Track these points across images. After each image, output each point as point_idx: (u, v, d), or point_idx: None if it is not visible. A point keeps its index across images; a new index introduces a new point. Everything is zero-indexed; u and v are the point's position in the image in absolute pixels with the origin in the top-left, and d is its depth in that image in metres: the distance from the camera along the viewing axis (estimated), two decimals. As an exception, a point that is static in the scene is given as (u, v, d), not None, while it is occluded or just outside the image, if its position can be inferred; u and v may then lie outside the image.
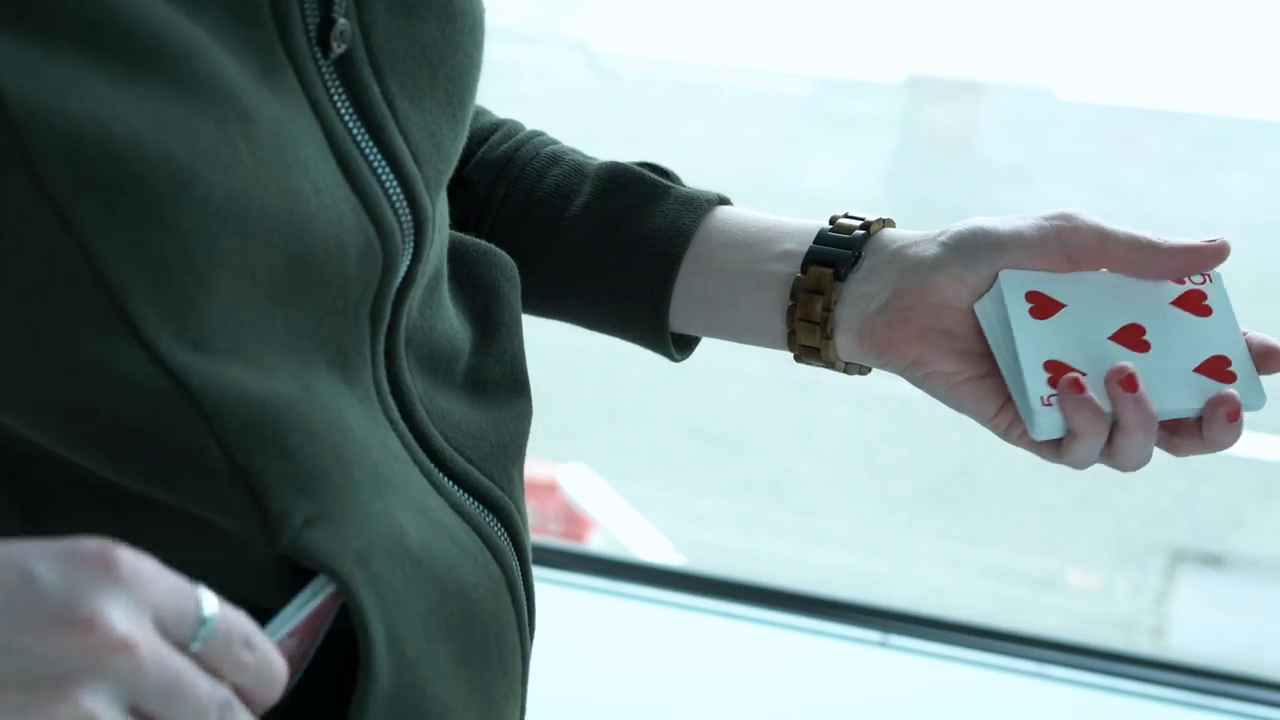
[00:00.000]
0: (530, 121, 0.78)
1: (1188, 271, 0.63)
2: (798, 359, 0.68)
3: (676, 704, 1.76)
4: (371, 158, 0.53)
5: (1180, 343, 0.62)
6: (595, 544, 4.89)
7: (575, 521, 5.01)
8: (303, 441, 0.50)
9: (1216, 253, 0.62)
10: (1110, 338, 0.61)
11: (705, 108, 6.57)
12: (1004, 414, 0.63)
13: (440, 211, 0.59)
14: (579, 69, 7.09)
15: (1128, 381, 0.58)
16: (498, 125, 0.76)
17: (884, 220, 0.67)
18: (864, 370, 0.67)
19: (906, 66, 7.03)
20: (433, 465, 0.58)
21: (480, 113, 0.77)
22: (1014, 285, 0.61)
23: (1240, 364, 0.62)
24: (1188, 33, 7.15)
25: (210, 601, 0.43)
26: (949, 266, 0.63)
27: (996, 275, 0.62)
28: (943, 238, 0.64)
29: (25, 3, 0.43)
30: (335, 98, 0.52)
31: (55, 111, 0.43)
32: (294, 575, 0.51)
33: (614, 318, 0.72)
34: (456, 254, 0.64)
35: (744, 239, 0.69)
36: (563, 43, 7.59)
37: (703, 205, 0.70)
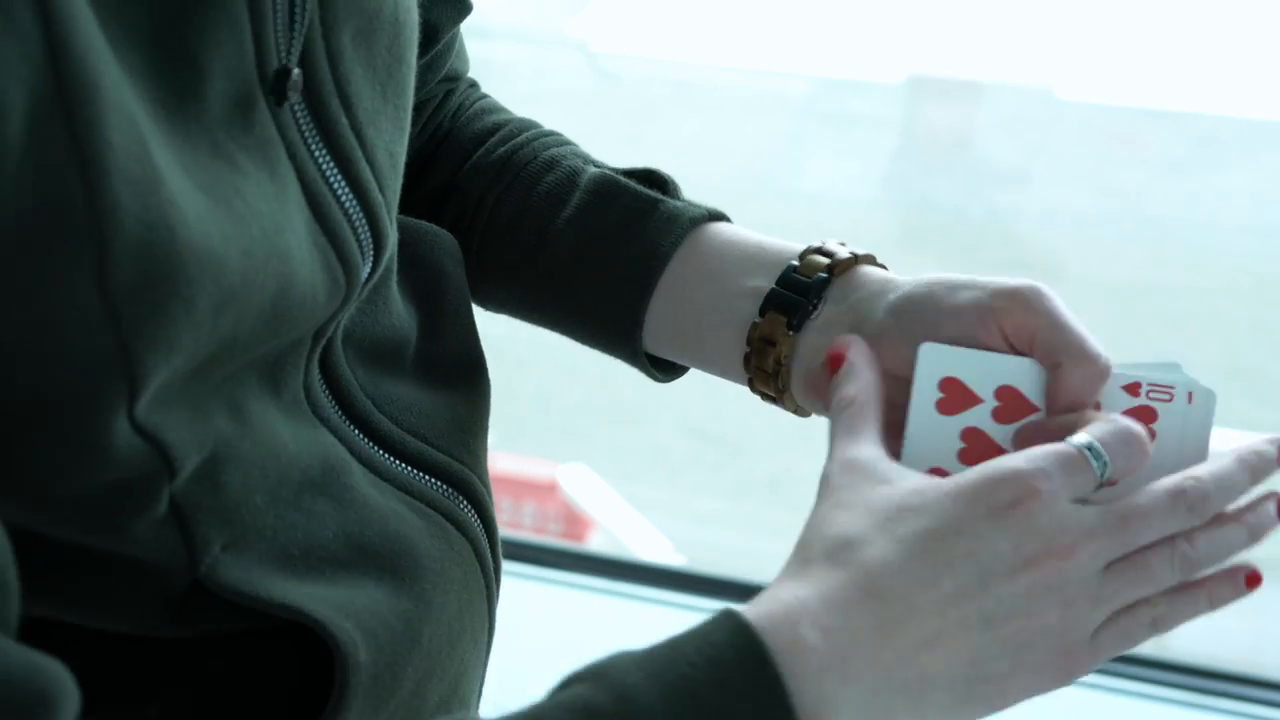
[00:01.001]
0: (529, 122, 0.78)
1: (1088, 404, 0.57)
2: (764, 399, 0.67)
3: (676, 704, 1.76)
4: (342, 195, 0.52)
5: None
6: (595, 544, 4.88)
7: (575, 521, 5.01)
8: (233, 473, 0.50)
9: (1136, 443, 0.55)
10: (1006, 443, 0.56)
11: (705, 108, 6.56)
12: None
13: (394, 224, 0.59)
14: (579, 69, 7.09)
15: None
16: (497, 127, 0.75)
17: (856, 259, 0.64)
18: None
19: (906, 66, 7.03)
20: (376, 450, 0.58)
21: (485, 112, 0.76)
22: (930, 366, 0.56)
23: None
24: (1188, 33, 7.14)
25: (1079, 438, 0.52)
26: (889, 335, 0.61)
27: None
28: (893, 299, 0.62)
29: (160, 115, 0.43)
30: (308, 138, 0.51)
31: (135, 211, 0.42)
32: (203, 603, 0.51)
33: (593, 338, 0.72)
34: (401, 238, 0.64)
35: (718, 269, 0.67)
36: (563, 43, 7.58)
37: (685, 225, 0.68)
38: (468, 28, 0.74)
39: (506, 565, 2.11)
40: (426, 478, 0.60)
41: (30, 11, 0.39)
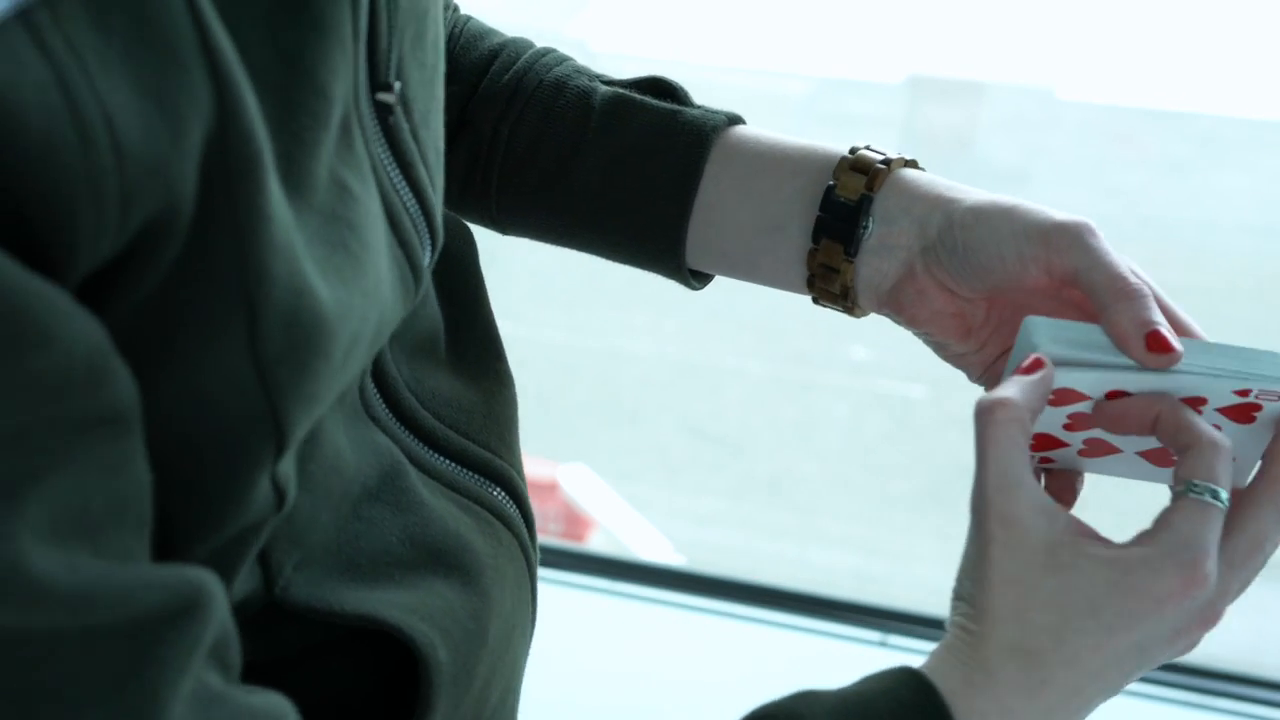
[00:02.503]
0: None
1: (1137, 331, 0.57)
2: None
3: (676, 704, 1.76)
4: (406, 200, 0.52)
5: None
6: (595, 544, 4.88)
7: (575, 521, 5.01)
8: (304, 499, 0.50)
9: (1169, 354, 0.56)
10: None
11: (705, 108, 6.55)
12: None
13: None
14: (579, 69, 7.08)
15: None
16: (495, 53, 0.74)
17: (890, 163, 0.64)
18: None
19: (906, 66, 7.03)
20: (424, 449, 0.58)
21: (480, 36, 0.75)
22: (1045, 343, 0.56)
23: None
24: (1188, 33, 7.14)
25: (1209, 487, 0.54)
26: (948, 266, 0.62)
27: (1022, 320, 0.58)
28: (943, 227, 0.62)
29: (290, 159, 0.42)
30: (375, 148, 0.50)
31: (283, 278, 0.41)
32: (275, 623, 0.51)
33: (631, 257, 0.71)
34: None
35: (754, 183, 0.67)
36: (563, 43, 7.55)
37: (708, 135, 0.68)
38: (467, 29, 0.74)
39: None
40: (471, 474, 0.60)
41: (204, 72, 0.38)
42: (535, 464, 5.20)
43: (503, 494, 0.61)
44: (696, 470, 5.28)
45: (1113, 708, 0.63)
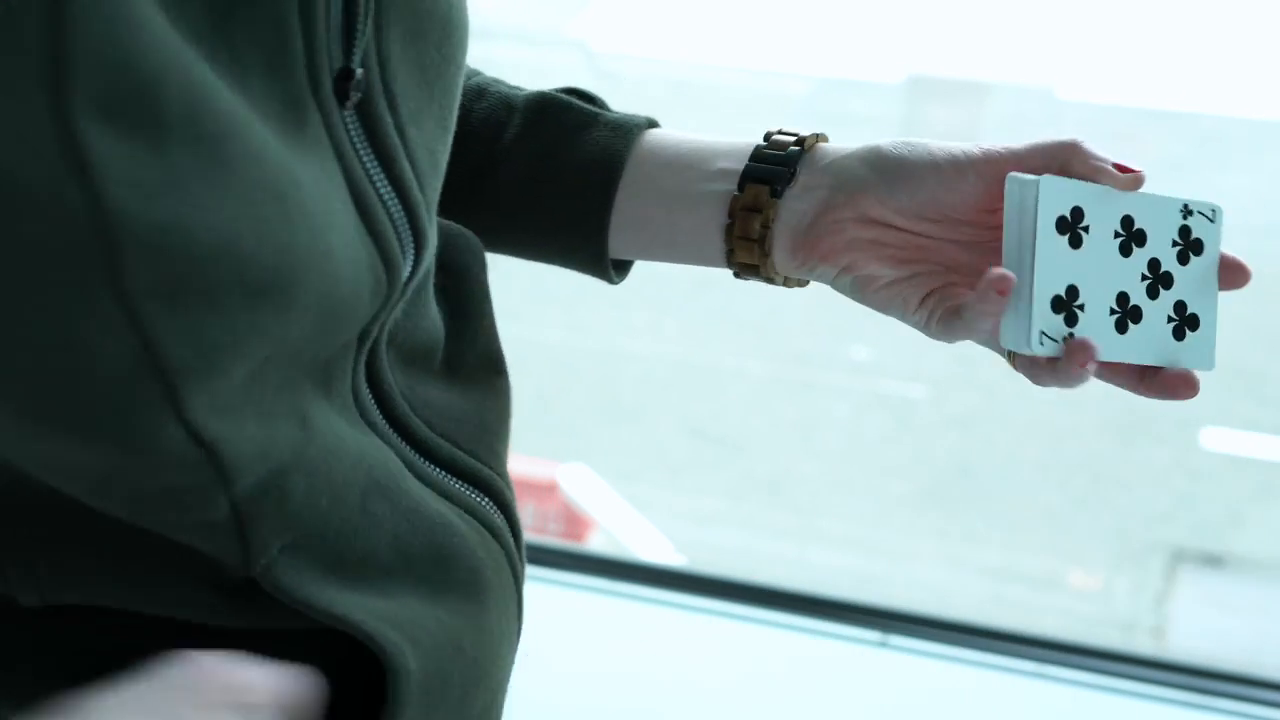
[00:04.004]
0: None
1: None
2: (737, 275, 0.69)
3: (676, 704, 1.76)
4: (383, 192, 0.52)
5: (1178, 287, 0.62)
6: (595, 544, 4.89)
7: (575, 521, 5.01)
8: (299, 480, 0.50)
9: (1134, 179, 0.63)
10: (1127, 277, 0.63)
11: (705, 108, 6.56)
12: (923, 308, 0.65)
13: (434, 224, 0.59)
14: (579, 69, 7.09)
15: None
16: None
17: (818, 136, 0.68)
18: (801, 283, 0.68)
19: (907, 66, 7.03)
20: (416, 455, 0.58)
21: None
22: (1051, 199, 0.61)
23: (1207, 321, 0.63)
24: (1188, 33, 7.15)
25: None
26: (873, 189, 0.64)
27: (1005, 179, 0.62)
28: (868, 158, 0.65)
29: (140, 94, 0.42)
30: (354, 137, 0.51)
31: (147, 215, 0.42)
32: (256, 597, 0.51)
33: (555, 247, 0.72)
34: None
35: (678, 160, 0.69)
36: (563, 43, 7.59)
37: (634, 130, 0.70)
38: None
39: (506, 565, 2.09)
40: (459, 482, 0.60)
41: None
42: (535, 464, 5.21)
43: (490, 504, 0.62)
44: (697, 470, 5.28)
45: (1113, 708, 0.63)
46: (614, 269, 0.73)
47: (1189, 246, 0.63)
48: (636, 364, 5.70)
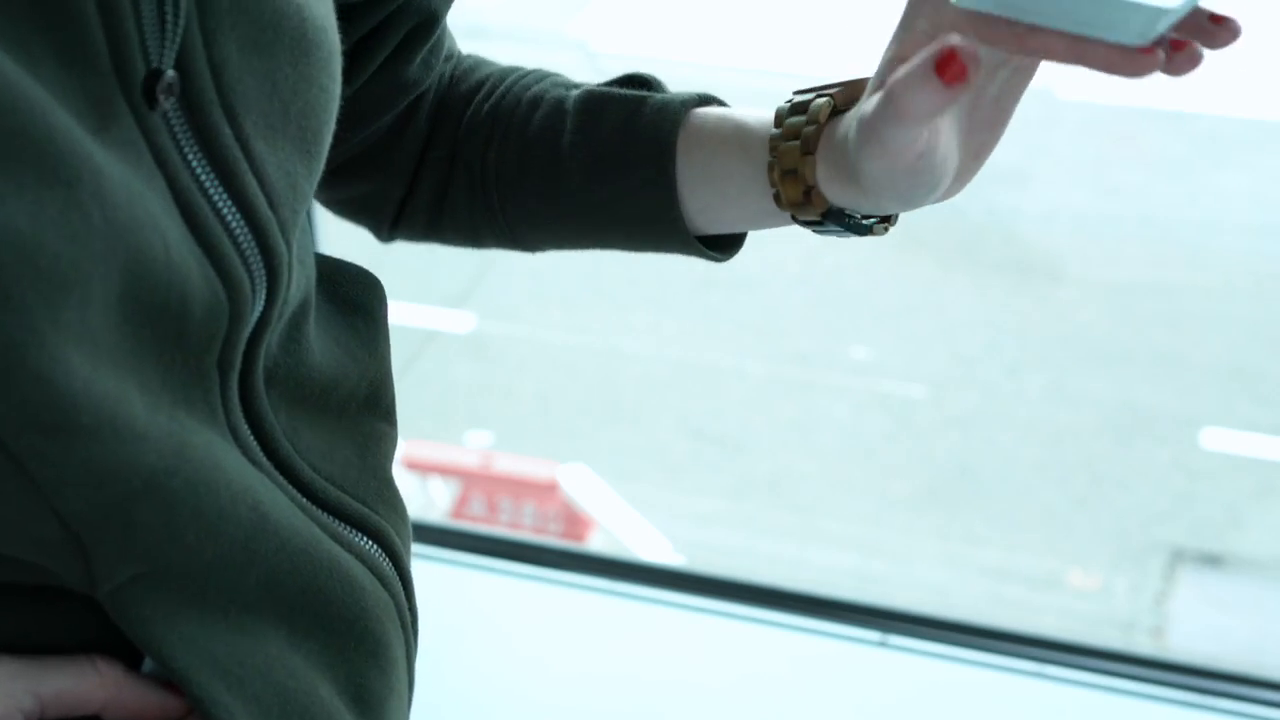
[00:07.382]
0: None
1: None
2: (794, 219, 0.67)
3: (677, 704, 1.76)
4: (222, 206, 0.51)
5: None
6: (595, 544, 4.89)
7: (575, 521, 5.01)
8: (154, 513, 0.49)
9: None
10: None
11: (705, 108, 6.55)
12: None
13: (300, 249, 0.57)
14: (579, 69, 7.09)
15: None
16: (482, 84, 0.76)
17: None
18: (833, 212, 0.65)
19: (906, 66, 7.03)
20: (302, 497, 0.57)
21: (471, 70, 0.77)
22: None
23: None
24: (1188, 33, 7.14)
25: None
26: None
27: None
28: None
29: None
30: (184, 145, 0.50)
31: None
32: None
33: (644, 243, 0.73)
34: (327, 278, 0.63)
35: (721, 143, 0.69)
36: (563, 43, 7.58)
37: (677, 110, 0.70)
38: (468, 28, 0.75)
39: (507, 565, 2.11)
40: (347, 528, 0.59)
41: None
42: (535, 464, 5.21)
43: (379, 550, 0.61)
44: (696, 470, 5.28)
45: (1113, 708, 0.63)
46: (716, 246, 0.72)
47: None
48: (636, 364, 5.70)
